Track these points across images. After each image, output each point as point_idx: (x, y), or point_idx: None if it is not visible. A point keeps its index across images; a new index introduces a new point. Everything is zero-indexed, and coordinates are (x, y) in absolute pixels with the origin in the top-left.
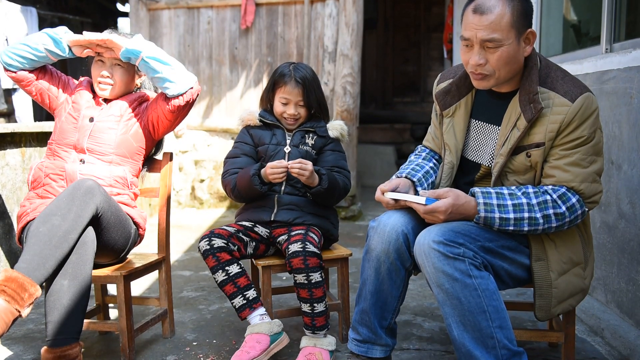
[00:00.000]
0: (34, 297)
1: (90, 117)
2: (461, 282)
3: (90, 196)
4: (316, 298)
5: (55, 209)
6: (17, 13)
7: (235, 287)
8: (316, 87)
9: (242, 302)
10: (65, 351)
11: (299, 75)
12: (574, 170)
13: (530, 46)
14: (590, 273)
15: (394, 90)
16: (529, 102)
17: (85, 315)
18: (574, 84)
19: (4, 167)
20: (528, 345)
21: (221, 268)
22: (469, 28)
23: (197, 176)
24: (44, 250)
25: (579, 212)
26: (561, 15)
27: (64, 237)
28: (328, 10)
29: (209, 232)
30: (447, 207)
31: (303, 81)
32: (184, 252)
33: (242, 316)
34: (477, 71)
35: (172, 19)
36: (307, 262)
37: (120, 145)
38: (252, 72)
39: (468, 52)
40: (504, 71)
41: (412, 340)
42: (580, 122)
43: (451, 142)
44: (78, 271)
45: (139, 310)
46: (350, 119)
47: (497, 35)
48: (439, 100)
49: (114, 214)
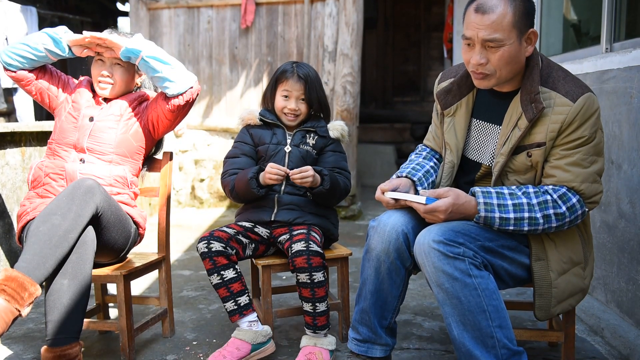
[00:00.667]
0: (34, 297)
1: (90, 117)
2: (461, 282)
3: (91, 195)
4: (318, 297)
5: (55, 208)
6: (17, 12)
7: (228, 291)
8: (318, 86)
9: (233, 307)
10: (65, 350)
11: (301, 71)
12: (574, 170)
13: (532, 46)
14: (590, 273)
15: (394, 89)
16: (531, 101)
17: (85, 314)
18: (576, 83)
19: (4, 166)
20: (528, 345)
21: (217, 272)
22: (471, 27)
23: (197, 176)
24: (44, 250)
25: (579, 212)
26: (561, 15)
27: (64, 236)
28: (328, 10)
29: (208, 233)
30: (447, 206)
31: (305, 77)
32: (184, 251)
33: (232, 320)
34: (478, 70)
35: (172, 18)
36: (310, 262)
37: (120, 144)
38: (252, 72)
39: (469, 51)
40: (505, 71)
41: (412, 340)
42: (582, 122)
43: (452, 142)
44: (78, 270)
45: (139, 310)
46: (350, 119)
47: (499, 35)
48: (440, 100)
49: (114, 213)
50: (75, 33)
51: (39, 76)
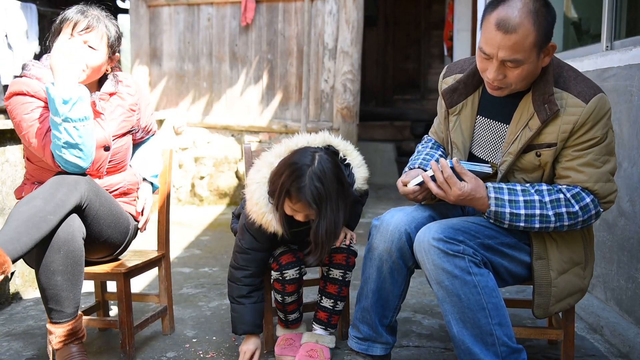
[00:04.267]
0: (2, 269)
1: (104, 147)
2: (461, 279)
3: (76, 185)
4: (342, 296)
5: (39, 192)
6: (17, 9)
7: (282, 307)
8: (335, 194)
9: (282, 318)
10: (71, 324)
11: (313, 192)
12: (587, 171)
13: (549, 57)
14: (590, 273)
15: (394, 87)
16: (544, 102)
17: (85, 312)
18: (587, 84)
19: (3, 163)
20: (527, 343)
21: (281, 294)
22: (490, 44)
23: (197, 173)
24: (20, 227)
25: (593, 212)
26: (562, 13)
27: (44, 218)
28: (328, 7)
29: (278, 265)
30: (462, 192)
31: (318, 202)
32: (184, 249)
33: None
34: (494, 83)
35: (172, 15)
36: (348, 260)
37: (129, 150)
38: (252, 69)
39: (486, 63)
40: (522, 85)
41: (411, 338)
42: (594, 123)
43: (458, 140)
44: (70, 262)
45: (139, 307)
46: (350, 117)
47: (520, 57)
48: (446, 98)
49: (104, 205)
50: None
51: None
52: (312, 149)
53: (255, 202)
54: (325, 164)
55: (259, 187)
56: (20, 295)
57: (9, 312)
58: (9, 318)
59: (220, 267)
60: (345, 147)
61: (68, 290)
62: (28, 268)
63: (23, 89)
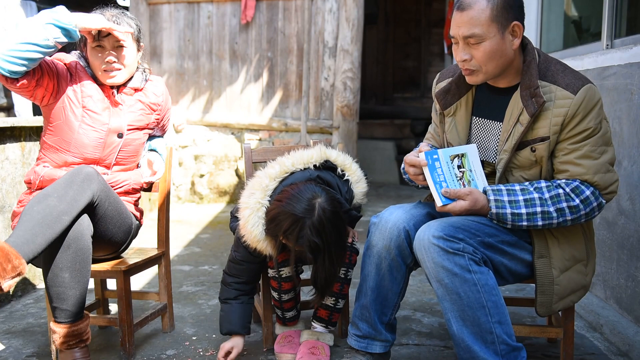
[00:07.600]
0: (18, 271)
1: (118, 133)
2: (460, 277)
3: (89, 183)
4: (343, 294)
5: (52, 190)
6: (17, 6)
7: (279, 304)
8: (335, 245)
9: (280, 315)
10: (76, 325)
11: (312, 247)
12: (585, 163)
13: (518, 39)
14: (591, 269)
15: (394, 85)
16: (531, 96)
17: (85, 309)
18: (575, 76)
19: (3, 161)
20: (527, 341)
21: (277, 292)
22: (453, 25)
23: (197, 171)
24: (35, 228)
25: (595, 204)
26: (562, 11)
27: (57, 217)
28: (328, 5)
29: (274, 263)
30: (461, 210)
31: (316, 254)
32: (184, 246)
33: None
34: (464, 67)
35: (172, 13)
36: (351, 258)
37: (142, 148)
38: (252, 67)
39: (456, 49)
40: (491, 66)
41: (411, 336)
42: (585, 114)
43: (455, 142)
44: (78, 262)
45: (139, 305)
46: (350, 114)
47: (477, 31)
48: (440, 100)
49: (112, 204)
50: (70, 12)
51: (37, 74)
52: (312, 191)
53: (249, 230)
54: (325, 215)
55: (253, 213)
56: (20, 293)
57: (9, 309)
58: (9, 316)
59: (220, 265)
60: (343, 162)
61: (74, 288)
62: (28, 266)
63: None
